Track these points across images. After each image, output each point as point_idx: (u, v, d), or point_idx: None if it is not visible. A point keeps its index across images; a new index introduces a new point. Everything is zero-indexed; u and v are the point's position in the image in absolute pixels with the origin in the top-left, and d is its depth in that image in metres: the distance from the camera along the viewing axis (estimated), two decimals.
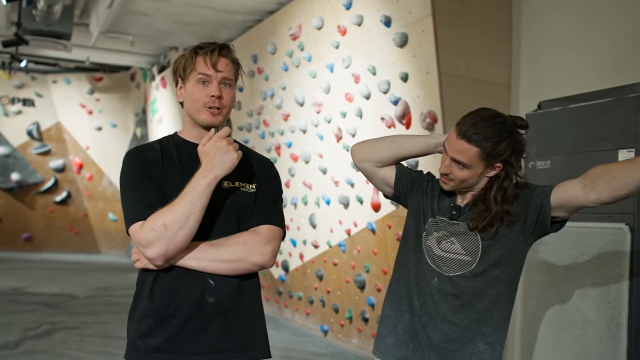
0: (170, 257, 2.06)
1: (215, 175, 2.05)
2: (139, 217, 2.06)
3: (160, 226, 2.00)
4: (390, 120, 5.44)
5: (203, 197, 2.03)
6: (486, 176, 2.34)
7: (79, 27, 9.59)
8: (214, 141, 2.08)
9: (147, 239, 2.01)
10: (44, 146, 14.44)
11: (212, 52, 2.18)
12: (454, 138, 2.30)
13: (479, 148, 2.26)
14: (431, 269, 2.39)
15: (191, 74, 2.18)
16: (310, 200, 6.90)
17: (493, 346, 2.35)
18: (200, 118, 2.19)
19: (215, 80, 2.17)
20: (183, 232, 2.01)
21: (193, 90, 2.18)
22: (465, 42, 5.07)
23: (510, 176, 2.33)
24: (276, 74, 7.46)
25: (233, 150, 2.07)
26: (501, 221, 2.31)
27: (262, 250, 2.15)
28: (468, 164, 2.29)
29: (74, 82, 14.40)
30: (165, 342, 2.11)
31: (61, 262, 12.82)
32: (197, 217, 2.03)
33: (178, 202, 2.02)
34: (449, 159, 2.33)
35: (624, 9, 4.31)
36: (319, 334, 6.85)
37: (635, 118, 3.34)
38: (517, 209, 2.32)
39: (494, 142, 2.26)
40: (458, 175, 2.32)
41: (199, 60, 2.18)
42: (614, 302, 3.31)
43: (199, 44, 2.23)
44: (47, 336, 6.31)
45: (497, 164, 2.31)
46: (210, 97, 2.16)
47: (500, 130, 2.28)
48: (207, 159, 2.06)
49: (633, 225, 3.32)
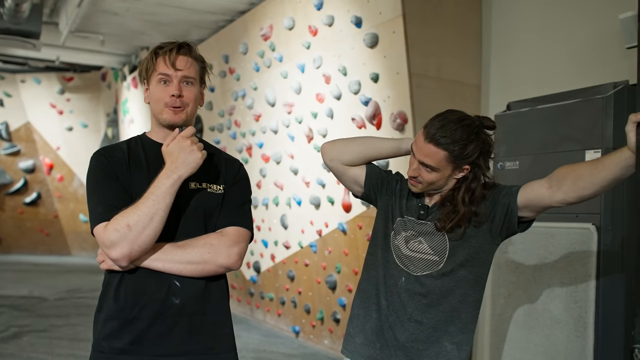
0: (135, 258, 2.03)
1: (179, 175, 2.03)
2: (103, 217, 2.04)
3: (123, 227, 1.98)
4: (360, 120, 5.44)
5: (167, 197, 2.01)
6: (454, 178, 2.34)
7: (48, 26, 9.46)
8: (178, 141, 2.06)
9: (111, 240, 1.99)
10: (13, 146, 14.25)
11: (170, 51, 2.17)
12: (422, 141, 2.29)
13: (446, 152, 2.26)
14: (399, 268, 2.39)
15: (152, 75, 2.17)
16: (282, 201, 6.88)
17: (460, 345, 2.36)
18: (162, 117, 2.17)
19: (175, 79, 2.15)
20: (147, 232, 1.99)
21: (155, 91, 2.17)
22: (435, 43, 5.08)
23: (478, 177, 2.34)
24: (247, 74, 7.43)
25: (197, 150, 2.06)
26: (469, 222, 2.32)
27: (229, 252, 2.13)
28: (436, 167, 2.29)
29: (44, 81, 14.22)
30: (130, 344, 2.08)
31: (31, 264, 12.66)
32: (161, 218, 2.01)
33: (141, 202, 2.00)
34: (417, 162, 2.32)
35: (593, 10, 4.35)
36: (290, 334, 6.83)
37: (602, 119, 3.38)
38: (485, 209, 2.32)
39: (461, 145, 2.26)
40: (426, 178, 2.32)
41: (159, 61, 2.16)
42: (581, 302, 3.34)
43: (159, 44, 2.22)
44: (14, 339, 6.22)
45: (465, 166, 2.31)
46: (171, 96, 2.14)
47: (467, 132, 2.28)
48: (171, 159, 2.05)
49: (600, 225, 3.35)
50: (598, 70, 4.20)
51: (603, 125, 3.37)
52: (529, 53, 4.80)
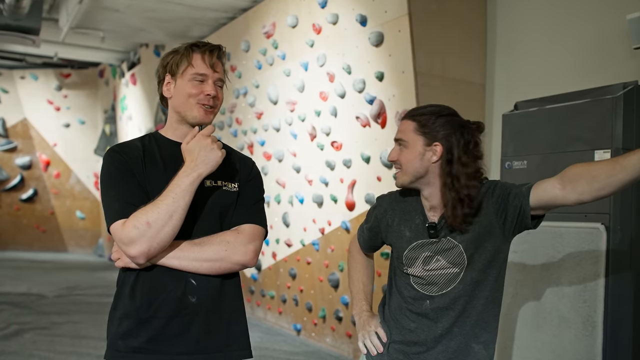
0: (153, 256, 2.04)
1: (199, 174, 2.04)
2: (120, 214, 2.03)
3: (143, 224, 1.97)
4: (365, 119, 5.44)
5: (186, 195, 2.02)
6: (431, 162, 2.30)
7: (47, 22, 9.43)
8: (198, 139, 2.06)
9: (130, 237, 1.99)
10: (10, 143, 14.20)
11: (210, 52, 2.19)
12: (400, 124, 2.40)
13: (415, 122, 2.31)
14: (420, 293, 2.38)
15: (186, 71, 2.16)
16: (284, 199, 6.88)
17: (487, 344, 2.37)
18: (192, 114, 2.17)
19: (211, 80, 2.17)
20: (166, 230, 1.99)
21: (187, 87, 2.16)
22: (441, 42, 5.09)
23: (454, 159, 2.28)
24: (249, 71, 7.42)
25: (217, 149, 2.06)
26: (468, 208, 2.27)
27: (245, 249, 2.15)
28: (405, 140, 2.32)
29: (41, 78, 14.18)
30: (147, 342, 2.09)
31: (28, 261, 12.63)
32: (181, 215, 2.01)
33: (161, 200, 2.00)
34: (395, 144, 2.37)
35: (599, 10, 4.36)
36: (292, 332, 6.83)
37: (612, 119, 3.38)
38: (491, 206, 2.30)
39: (429, 117, 2.31)
40: (402, 159, 2.33)
41: (196, 58, 2.17)
42: (590, 301, 3.35)
43: (194, 42, 2.22)
44: (15, 337, 6.20)
45: (436, 143, 2.29)
46: (206, 95, 2.15)
47: (439, 109, 2.34)
48: (191, 157, 2.05)
49: (609, 224, 3.35)
50: (604, 70, 4.21)
51: (612, 125, 3.37)
52: (535, 53, 4.81)
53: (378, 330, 2.48)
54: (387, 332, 2.46)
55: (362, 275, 2.65)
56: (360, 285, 2.63)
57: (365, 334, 2.49)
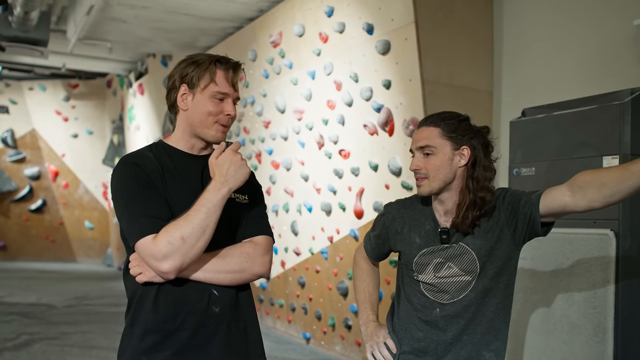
0: (183, 270, 2.03)
1: (229, 189, 2.04)
2: (149, 229, 2.00)
3: (177, 239, 1.96)
4: (372, 127, 5.45)
5: (218, 209, 2.01)
6: (459, 167, 2.30)
7: (55, 34, 9.51)
8: (229, 155, 2.06)
9: (163, 252, 1.96)
10: (19, 153, 14.29)
11: (234, 70, 2.18)
12: (415, 134, 2.37)
13: (438, 127, 2.30)
14: (430, 300, 2.38)
15: (208, 87, 2.13)
16: (292, 208, 6.89)
17: (497, 352, 2.37)
18: (209, 133, 2.16)
19: (231, 99, 2.16)
20: (199, 245, 1.99)
21: (207, 104, 2.13)
22: (447, 50, 5.10)
23: (477, 162, 2.31)
24: (256, 80, 7.45)
25: (245, 165, 2.07)
26: (479, 210, 2.28)
27: (263, 260, 2.17)
28: (433, 146, 2.29)
29: (49, 88, 14.27)
30: (173, 355, 2.08)
31: (37, 271, 12.68)
32: (212, 230, 2.01)
33: (194, 214, 1.99)
34: (416, 152, 2.34)
35: (605, 17, 4.37)
36: (301, 341, 6.83)
37: (620, 125, 3.38)
38: (502, 214, 2.31)
39: (451, 122, 2.31)
40: (429, 166, 2.30)
41: (220, 75, 2.14)
42: (600, 307, 3.34)
43: (216, 56, 2.18)
44: (25, 347, 6.22)
45: (464, 147, 2.30)
46: (226, 114, 2.14)
47: (457, 114, 2.36)
48: (221, 172, 2.04)
49: (618, 231, 3.34)
50: (611, 76, 4.21)
51: (621, 131, 3.37)
52: (541, 60, 4.81)
53: (387, 340, 2.47)
54: (397, 342, 2.45)
55: (367, 284, 2.64)
56: (366, 295, 2.63)
57: (373, 345, 2.49)
